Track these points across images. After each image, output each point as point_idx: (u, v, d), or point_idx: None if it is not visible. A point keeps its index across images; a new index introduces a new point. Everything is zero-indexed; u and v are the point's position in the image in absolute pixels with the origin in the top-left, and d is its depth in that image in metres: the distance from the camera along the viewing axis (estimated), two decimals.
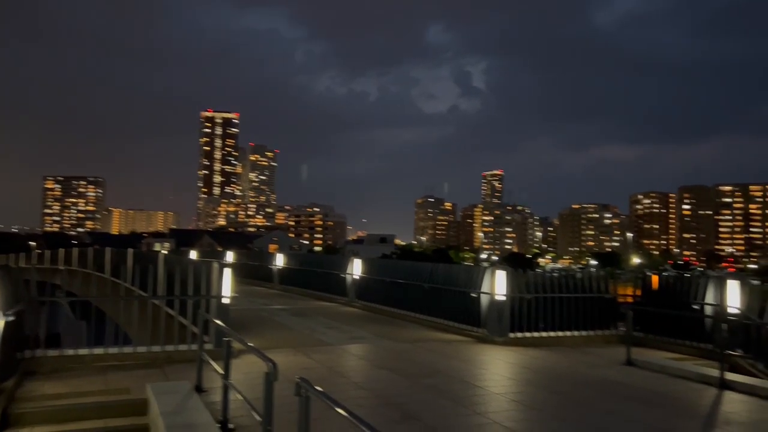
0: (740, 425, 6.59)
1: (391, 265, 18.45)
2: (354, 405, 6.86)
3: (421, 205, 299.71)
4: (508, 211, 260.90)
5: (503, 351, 10.97)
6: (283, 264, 24.40)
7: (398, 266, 16.99)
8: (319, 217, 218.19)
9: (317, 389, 3.78)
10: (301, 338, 11.77)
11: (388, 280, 16.15)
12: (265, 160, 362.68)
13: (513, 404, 7.26)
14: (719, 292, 11.17)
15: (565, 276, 13.66)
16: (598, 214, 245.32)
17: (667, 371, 9.35)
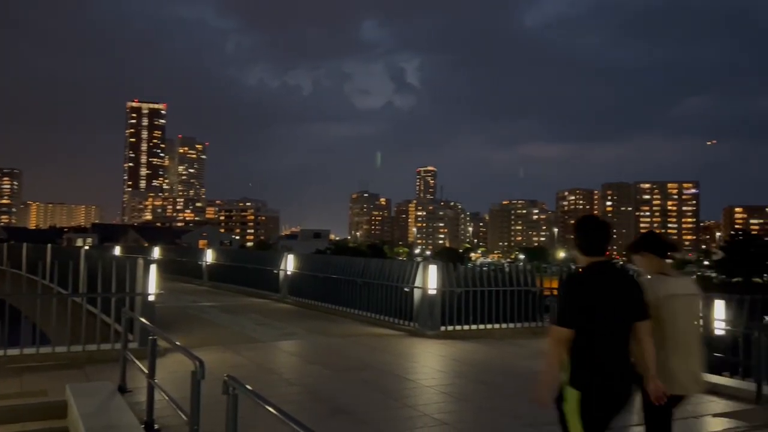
0: None
1: (324, 260, 18.37)
2: (284, 401, 6.80)
3: (356, 201, 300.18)
4: (441, 206, 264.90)
5: (434, 344, 11.15)
6: (212, 260, 23.86)
7: (332, 262, 16.94)
8: (251, 212, 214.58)
9: (245, 386, 3.73)
10: (231, 335, 11.56)
11: (322, 275, 16.08)
12: (194, 153, 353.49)
13: (443, 396, 7.39)
14: None
15: (494, 270, 14.01)
16: (527, 210, 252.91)
17: None
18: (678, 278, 4.18)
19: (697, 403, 7.33)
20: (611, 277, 3.70)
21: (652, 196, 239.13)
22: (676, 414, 7.01)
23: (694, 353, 4.06)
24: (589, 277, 3.67)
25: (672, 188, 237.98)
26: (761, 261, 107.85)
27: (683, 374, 3.98)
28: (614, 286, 3.67)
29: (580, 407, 3.56)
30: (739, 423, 6.51)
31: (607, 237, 3.77)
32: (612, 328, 3.61)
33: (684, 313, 4.02)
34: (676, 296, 4.01)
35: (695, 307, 4.23)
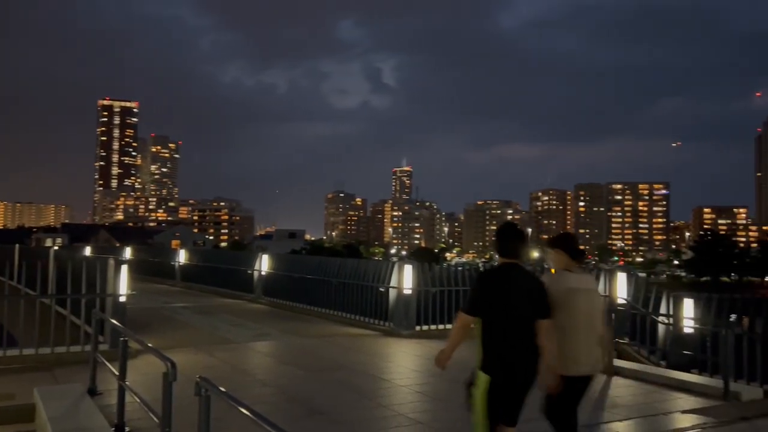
0: (625, 408, 7.07)
1: (299, 260, 18.29)
2: (258, 402, 6.75)
3: (332, 201, 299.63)
4: (416, 207, 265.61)
5: (409, 344, 11.17)
6: (185, 260, 23.59)
7: (307, 262, 16.87)
8: (225, 211, 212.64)
9: (218, 388, 3.69)
10: (204, 336, 11.44)
11: (297, 276, 16.01)
12: (167, 152, 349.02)
13: (417, 396, 7.41)
14: (609, 283, 11.91)
15: (468, 269, 14.09)
16: (501, 210, 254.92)
17: None
18: (579, 275, 4.71)
19: (666, 400, 7.48)
20: (517, 277, 4.21)
21: (624, 197, 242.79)
22: (647, 410, 7.14)
23: (593, 339, 4.57)
24: (497, 275, 4.27)
25: (643, 189, 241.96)
26: (729, 260, 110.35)
27: (586, 357, 4.51)
28: (519, 285, 4.18)
29: (486, 391, 4.11)
30: (707, 419, 6.64)
31: (522, 243, 4.32)
32: (515, 322, 4.13)
33: (584, 304, 4.57)
34: (578, 290, 4.57)
35: (595, 299, 4.76)
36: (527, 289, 4.21)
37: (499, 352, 4.12)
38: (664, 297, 10.30)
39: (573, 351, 4.46)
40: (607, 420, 6.57)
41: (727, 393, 7.51)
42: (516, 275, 4.22)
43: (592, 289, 4.79)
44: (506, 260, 4.27)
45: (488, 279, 4.35)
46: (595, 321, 4.62)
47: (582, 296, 4.58)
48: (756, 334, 8.44)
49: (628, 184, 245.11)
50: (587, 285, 4.73)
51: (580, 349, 4.49)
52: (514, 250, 4.30)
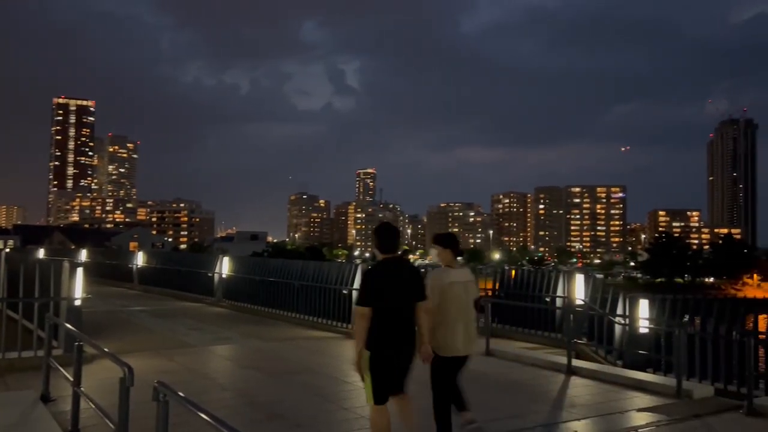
0: (583, 407, 7.22)
1: (260, 263, 18.09)
2: (218, 407, 6.67)
3: (295, 202, 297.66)
4: (380, 209, 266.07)
5: None
6: (143, 263, 23.13)
7: (268, 264, 16.72)
8: (185, 213, 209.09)
9: (176, 392, 3.62)
10: (163, 340, 11.23)
11: (258, 278, 15.85)
12: (125, 152, 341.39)
13: None
14: (568, 285, 12.16)
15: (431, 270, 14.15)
16: (463, 213, 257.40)
17: (522, 360, 10.02)
18: (459, 270, 5.50)
19: (622, 398, 7.66)
20: (398, 269, 4.95)
21: (582, 200, 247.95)
22: (604, 409, 7.30)
23: (470, 324, 5.42)
24: (381, 269, 4.92)
25: (601, 192, 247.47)
26: (682, 262, 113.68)
27: (463, 340, 5.34)
28: (400, 276, 4.92)
29: (370, 365, 4.74)
30: (661, 417, 6.83)
31: (397, 240, 5.05)
32: (398, 307, 4.84)
33: (462, 294, 5.37)
34: (457, 282, 5.36)
35: (471, 290, 5.51)
36: (407, 278, 4.95)
37: (383, 333, 4.76)
38: (621, 298, 10.56)
39: (453, 335, 5.29)
40: (565, 419, 6.69)
41: (680, 391, 7.74)
42: (396, 267, 4.95)
43: (469, 282, 5.53)
44: (386, 255, 4.93)
45: (374, 274, 4.95)
46: (469, 309, 5.46)
47: (461, 288, 5.39)
48: (707, 334, 8.72)
49: (586, 188, 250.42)
50: (465, 278, 5.49)
51: (458, 333, 5.32)
52: (392, 246, 4.97)
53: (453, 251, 5.48)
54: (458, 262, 5.55)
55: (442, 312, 5.25)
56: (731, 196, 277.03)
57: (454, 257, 5.48)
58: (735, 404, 7.34)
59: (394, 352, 4.83)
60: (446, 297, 5.27)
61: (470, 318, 5.43)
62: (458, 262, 5.54)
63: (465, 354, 5.44)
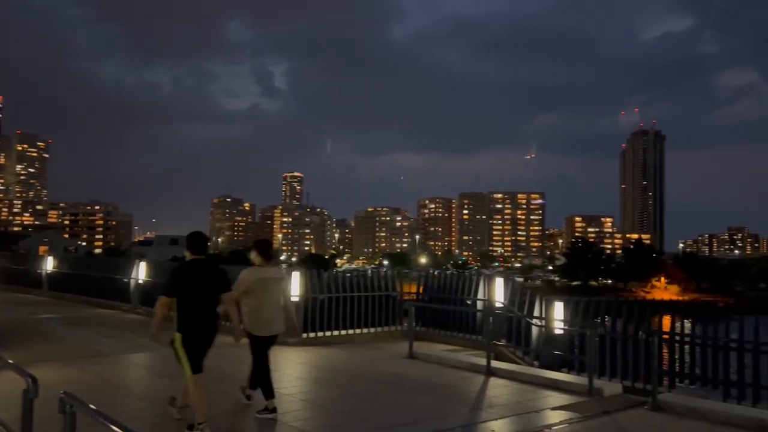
0: (501, 407, 7.43)
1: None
2: (131, 417, 6.43)
3: (218, 205, 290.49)
4: (307, 213, 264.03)
5: (295, 352, 11.07)
6: (53, 268, 21.91)
7: None
8: (100, 216, 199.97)
9: (85, 404, 3.47)
10: (74, 349, 10.69)
11: None
12: (34, 151, 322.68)
13: (301, 403, 7.37)
14: (488, 288, 12.49)
15: (357, 276, 14.21)
16: (390, 217, 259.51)
17: (444, 362, 10.20)
18: (269, 268, 6.96)
19: (539, 398, 7.95)
20: (202, 268, 6.07)
21: (504, 206, 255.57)
22: (521, 409, 7.55)
23: (277, 311, 6.88)
24: (187, 267, 6.08)
25: (521, 199, 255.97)
26: (597, 266, 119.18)
27: (271, 323, 6.80)
28: (204, 272, 6.05)
29: (183, 344, 5.91)
30: (573, 414, 7.13)
31: (204, 245, 6.26)
32: (200, 297, 5.98)
33: (271, 288, 6.81)
34: (266, 279, 6.80)
35: (279, 284, 6.97)
36: (210, 275, 6.08)
37: (189, 318, 5.93)
38: (537, 300, 10.95)
39: (264, 319, 6.73)
40: (483, 420, 6.87)
41: (592, 389, 8.11)
42: (202, 266, 6.08)
43: (277, 278, 6.97)
44: (194, 257, 6.10)
45: (181, 270, 6.07)
46: (278, 299, 6.90)
47: (269, 283, 6.81)
48: (616, 334, 9.19)
49: (508, 194, 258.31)
50: (274, 275, 6.94)
51: (268, 318, 6.75)
52: (199, 249, 6.17)
53: (262, 254, 6.93)
54: (272, 262, 7.07)
55: (255, 301, 6.71)
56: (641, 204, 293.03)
57: (264, 259, 6.93)
58: (641, 401, 7.78)
59: (200, 333, 6.01)
60: (256, 289, 6.71)
61: (278, 306, 6.88)
62: (272, 263, 7.06)
63: (274, 333, 6.93)
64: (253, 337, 6.82)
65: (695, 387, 8.64)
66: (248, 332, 6.75)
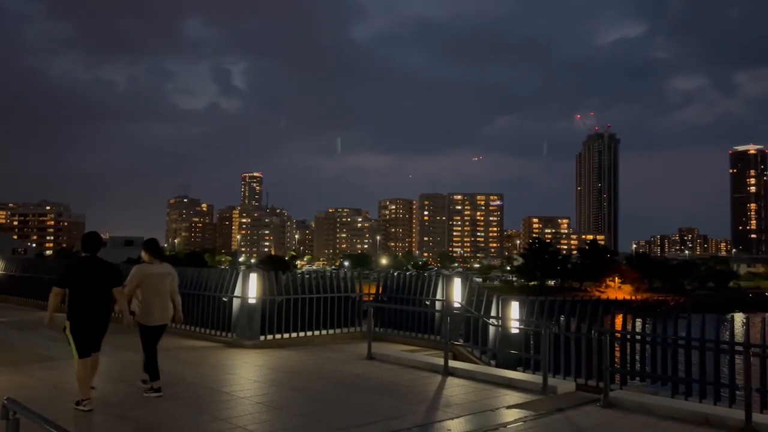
0: (457, 406, 7.50)
1: None
2: (82, 423, 6.27)
3: (174, 206, 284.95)
4: (266, 213, 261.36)
5: (253, 354, 10.95)
6: (1, 270, 21.15)
7: None
8: (51, 216, 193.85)
9: (30, 410, 3.36)
10: (21, 354, 10.35)
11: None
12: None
13: (257, 406, 7.29)
14: (446, 288, 12.58)
15: (316, 277, 14.13)
16: (351, 218, 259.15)
17: (402, 363, 10.24)
18: (158, 265, 7.84)
19: (495, 396, 8.05)
20: (93, 263, 6.95)
21: (464, 207, 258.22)
22: (477, 408, 7.62)
23: (165, 303, 7.74)
24: (79, 262, 7.02)
25: (480, 200, 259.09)
26: (553, 266, 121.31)
27: (159, 314, 7.69)
28: (94, 268, 6.90)
29: (71, 331, 6.74)
30: (528, 412, 7.25)
31: (96, 244, 7.08)
32: (90, 290, 6.78)
33: (159, 282, 7.68)
34: (155, 274, 7.70)
35: (166, 279, 7.78)
36: (100, 270, 6.91)
37: (78, 308, 6.72)
38: (494, 300, 11.09)
39: (152, 310, 7.60)
40: (440, 419, 6.92)
41: (546, 387, 8.26)
42: (92, 262, 6.94)
43: (165, 273, 7.79)
44: (86, 254, 6.94)
45: (75, 265, 6.98)
46: (167, 293, 7.75)
47: (157, 278, 7.68)
48: (570, 333, 9.38)
49: (467, 195, 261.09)
50: (162, 271, 7.78)
51: (156, 308, 7.62)
52: (90, 248, 6.99)
53: (151, 253, 7.86)
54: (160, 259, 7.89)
55: (144, 294, 7.58)
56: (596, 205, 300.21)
57: (152, 256, 7.83)
58: (593, 398, 7.96)
59: (89, 322, 6.78)
60: (145, 284, 7.58)
61: (166, 298, 7.75)
62: (160, 260, 7.87)
63: (161, 323, 7.78)
64: (143, 327, 7.64)
65: (646, 384, 8.88)
66: (138, 322, 7.57)
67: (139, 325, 7.59)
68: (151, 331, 7.67)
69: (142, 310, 7.57)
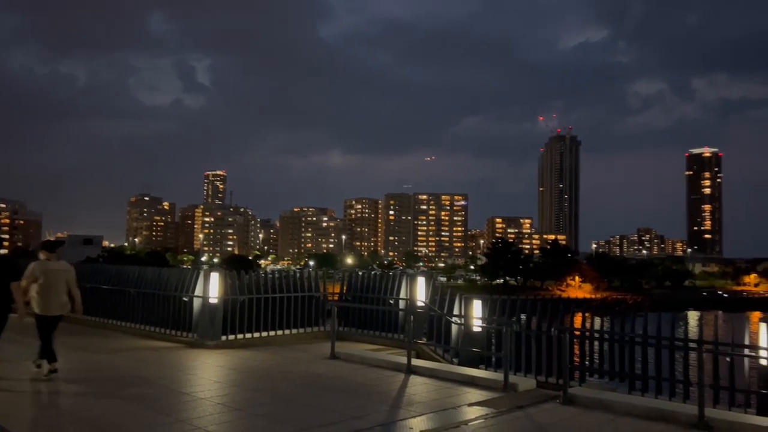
0: (420, 404, 7.54)
1: (92, 269, 16.70)
2: (37, 425, 6.09)
3: (136, 204, 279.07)
4: (230, 212, 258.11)
5: (214, 355, 10.80)
6: None
7: (101, 270, 15.52)
8: (6, 214, 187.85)
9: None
10: None
11: (89, 286, 14.59)
12: None
13: (218, 407, 7.19)
14: (410, 288, 12.63)
15: (279, 276, 14.01)
16: (317, 218, 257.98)
17: (366, 362, 10.24)
18: (54, 261, 8.62)
19: (457, 394, 8.11)
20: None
21: (429, 207, 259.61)
22: (439, 405, 7.67)
23: (60, 295, 8.48)
24: None
25: (445, 200, 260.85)
26: (516, 266, 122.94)
27: (56, 306, 8.43)
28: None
29: None
30: (489, 410, 7.33)
31: None
32: None
33: (54, 277, 8.42)
34: (51, 270, 8.44)
35: (63, 274, 8.58)
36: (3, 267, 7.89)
37: None
38: (458, 299, 11.17)
39: (48, 302, 8.32)
40: (402, 417, 6.94)
41: (507, 385, 8.36)
42: None
43: (62, 269, 8.60)
44: None
45: None
46: (63, 286, 8.50)
47: (53, 273, 8.42)
48: (530, 331, 9.51)
49: (432, 195, 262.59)
50: (58, 267, 8.58)
51: (52, 301, 8.35)
52: None
53: (47, 250, 8.67)
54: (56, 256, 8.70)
55: (42, 288, 8.28)
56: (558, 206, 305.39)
57: (49, 254, 8.63)
58: (553, 395, 8.08)
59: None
60: (43, 279, 8.28)
61: (62, 292, 8.49)
62: (56, 257, 8.69)
63: (57, 314, 8.50)
64: (41, 317, 8.37)
65: (604, 381, 9.07)
66: (36, 313, 8.34)
67: (37, 315, 8.36)
68: (49, 320, 8.41)
69: (41, 302, 8.30)
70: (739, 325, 9.67)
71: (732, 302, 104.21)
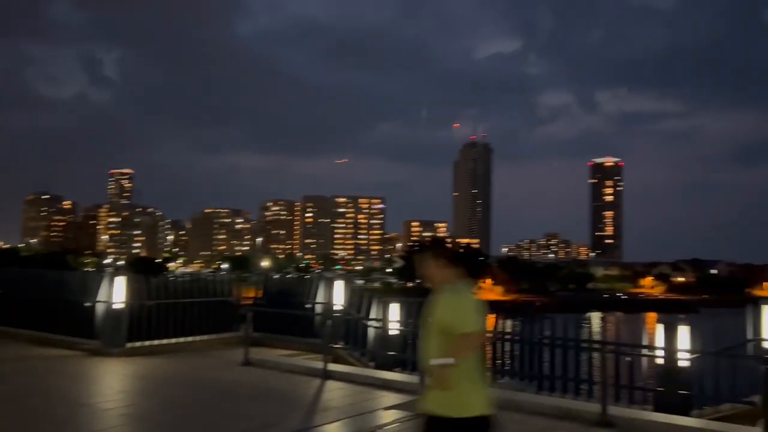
0: (335, 410, 7.47)
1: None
2: None
3: (33, 203, 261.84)
4: (137, 212, 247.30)
5: (118, 363, 10.27)
6: None
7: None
8: None
9: None
10: None
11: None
12: None
13: (122, 418, 6.82)
14: (328, 291, 12.54)
15: (190, 280, 13.55)
16: (231, 219, 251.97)
17: (280, 367, 10.05)
18: None
19: (373, 398, 8.11)
20: None
21: (347, 209, 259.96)
22: (355, 410, 7.63)
23: None
24: None
25: (363, 203, 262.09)
26: None
27: None
28: None
29: None
30: (405, 413, 7.36)
31: None
32: None
33: None
34: None
35: None
36: None
37: None
38: (375, 302, 11.20)
39: None
40: (317, 423, 6.86)
41: (422, 388, 8.43)
42: None
43: None
44: None
45: None
46: None
47: None
48: None
49: (350, 198, 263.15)
50: None
51: None
52: None
53: None
54: None
55: None
56: (471, 210, 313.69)
57: None
58: None
59: None
60: None
61: None
62: None
63: None
64: None
65: (515, 381, 9.37)
66: None
67: None
68: None
69: None
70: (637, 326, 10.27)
71: (630, 304, 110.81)
